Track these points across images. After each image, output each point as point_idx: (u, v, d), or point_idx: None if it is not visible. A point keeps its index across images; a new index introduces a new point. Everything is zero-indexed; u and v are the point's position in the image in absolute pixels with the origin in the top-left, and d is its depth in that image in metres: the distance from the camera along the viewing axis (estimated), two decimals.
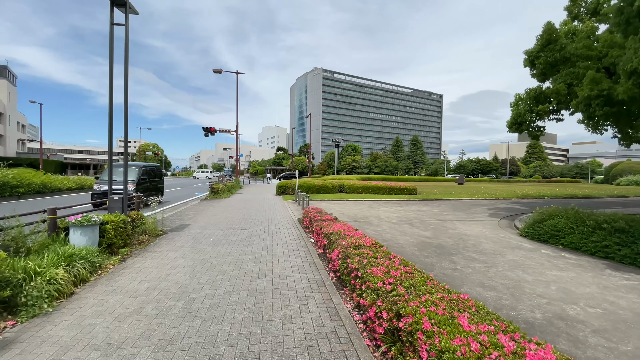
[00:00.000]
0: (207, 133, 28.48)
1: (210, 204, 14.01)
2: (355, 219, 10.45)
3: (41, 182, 15.16)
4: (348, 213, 11.87)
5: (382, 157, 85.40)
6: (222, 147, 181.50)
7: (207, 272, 4.76)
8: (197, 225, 8.82)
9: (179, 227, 8.55)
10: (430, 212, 12.72)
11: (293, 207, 13.55)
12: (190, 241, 6.85)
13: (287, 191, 19.87)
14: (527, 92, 10.78)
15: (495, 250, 6.71)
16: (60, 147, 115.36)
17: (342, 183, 20.94)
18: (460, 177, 39.07)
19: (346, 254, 4.15)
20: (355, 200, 16.21)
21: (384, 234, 8.17)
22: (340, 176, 35.21)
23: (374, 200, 16.48)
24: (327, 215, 7.75)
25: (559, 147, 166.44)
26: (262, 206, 13.59)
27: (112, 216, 5.83)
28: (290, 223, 9.35)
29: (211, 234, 7.58)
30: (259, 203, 14.80)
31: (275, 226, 8.80)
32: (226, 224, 8.99)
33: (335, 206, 13.99)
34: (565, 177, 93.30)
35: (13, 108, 57.22)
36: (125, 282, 4.38)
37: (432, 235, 8.09)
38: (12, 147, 56.88)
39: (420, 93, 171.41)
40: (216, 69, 28.53)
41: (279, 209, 12.80)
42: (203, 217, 10.31)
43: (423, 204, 15.61)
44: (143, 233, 7.15)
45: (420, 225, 9.64)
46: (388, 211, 12.67)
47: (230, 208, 12.72)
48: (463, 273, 5.08)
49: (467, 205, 15.45)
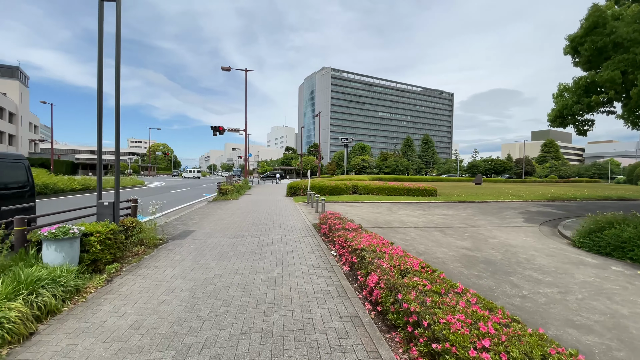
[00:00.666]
0: (215, 132, 27.81)
1: (218, 207, 13.09)
2: (377, 225, 9.35)
3: (42, 183, 14.49)
4: (367, 217, 10.78)
5: (392, 157, 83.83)
6: (231, 147, 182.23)
7: (210, 300, 3.75)
8: (201, 232, 7.86)
9: (181, 234, 7.60)
10: (458, 216, 11.52)
11: (306, 210, 12.52)
12: (192, 253, 5.87)
13: (298, 192, 18.87)
14: (575, 81, 9.48)
15: (557, 267, 5.53)
16: (73, 148, 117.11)
17: (355, 184, 19.81)
18: (477, 177, 37.40)
19: (392, 285, 3.08)
20: (372, 203, 15.09)
21: (416, 244, 7.05)
22: (352, 176, 34.08)
23: (392, 202, 15.33)
24: (349, 222, 6.67)
25: (574, 146, 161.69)
26: (273, 209, 12.60)
27: (99, 225, 4.88)
28: (305, 230, 8.32)
29: (217, 244, 6.59)
30: (269, 205, 13.82)
31: (288, 233, 7.77)
32: (234, 231, 8.01)
33: (351, 209, 12.90)
34: (582, 177, 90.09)
35: (25, 109, 57.79)
36: (105, 314, 3.39)
37: (472, 247, 6.94)
38: (24, 147, 57.43)
39: (430, 92, 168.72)
40: (225, 67, 27.88)
41: (290, 212, 11.79)
42: (209, 222, 9.36)
43: (447, 206, 14.39)
44: (139, 243, 6.21)
45: (453, 232, 8.48)
46: (410, 215, 11.52)
47: (238, 211, 11.76)
48: (536, 303, 3.95)
49: (496, 208, 14.16)
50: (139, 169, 77.27)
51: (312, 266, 5.12)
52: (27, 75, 60.73)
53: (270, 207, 13.11)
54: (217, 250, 6.07)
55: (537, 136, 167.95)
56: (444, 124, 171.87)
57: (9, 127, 51.71)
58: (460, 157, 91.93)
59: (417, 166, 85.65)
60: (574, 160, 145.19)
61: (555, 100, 10.08)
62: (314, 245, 6.53)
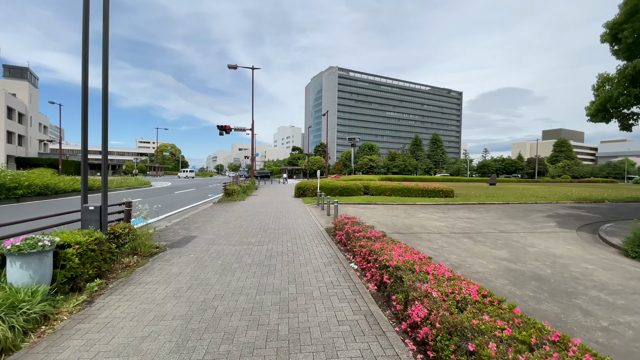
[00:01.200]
0: (222, 132, 27.24)
1: (223, 209, 12.37)
2: (397, 230, 8.49)
3: (43, 184, 13.96)
4: (384, 221, 9.91)
5: (400, 157, 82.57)
6: (238, 148, 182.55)
7: (207, 334, 2.96)
8: (204, 238, 7.10)
9: (182, 240, 6.86)
10: (483, 220, 10.58)
11: (316, 212, 11.71)
12: (191, 265, 5.10)
13: (306, 193, 18.07)
14: (619, 71, 8.47)
15: (622, 285, 4.61)
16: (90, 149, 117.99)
17: (367, 184, 18.91)
18: (492, 178, 36.05)
19: (453, 325, 2.24)
20: (386, 204, 14.20)
21: (447, 254, 6.17)
22: (362, 176, 33.16)
23: (407, 204, 14.41)
24: (371, 230, 5.82)
25: (586, 145, 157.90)
26: (281, 211, 11.82)
27: (80, 234, 4.14)
28: (318, 235, 7.50)
29: (220, 253, 5.82)
30: (276, 207, 13.05)
31: (299, 240, 6.97)
32: (239, 237, 7.24)
33: (365, 212, 12.04)
34: (597, 177, 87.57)
35: (35, 109, 58.24)
36: (71, 356, 2.62)
37: (511, 257, 6.04)
38: (33, 147, 57.89)
39: (438, 90, 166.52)
40: (231, 65, 27.33)
41: (300, 215, 10.99)
42: (213, 225, 8.62)
43: (467, 209, 13.42)
44: (132, 253, 5.47)
45: (483, 239, 7.57)
46: (431, 218, 10.62)
47: (244, 214, 11.01)
48: (625, 339, 3.06)
49: (521, 210, 13.15)
50: (147, 169, 77.42)
51: (331, 284, 4.29)
52: (36, 76, 61.21)
53: (278, 209, 12.34)
54: (220, 262, 5.29)
55: (548, 135, 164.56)
56: (453, 123, 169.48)
57: (19, 128, 52.06)
58: (470, 156, 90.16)
59: (426, 166, 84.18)
60: (587, 160, 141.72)
61: (596, 92, 9.05)
62: (330, 256, 5.70)
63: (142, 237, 6.03)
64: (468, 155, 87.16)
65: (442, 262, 4.18)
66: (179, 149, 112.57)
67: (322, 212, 11.63)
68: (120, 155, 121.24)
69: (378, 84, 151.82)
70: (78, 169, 61.90)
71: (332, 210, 11.54)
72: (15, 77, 55.35)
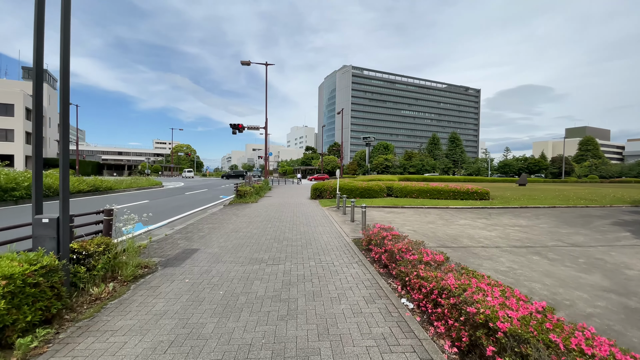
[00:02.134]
0: (234, 130, 26.28)
1: (234, 212, 11.09)
2: (441, 242, 6.94)
3: (45, 185, 13.07)
4: (421, 229, 8.36)
5: (417, 156, 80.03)
6: (252, 148, 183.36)
7: None
8: (207, 252, 5.77)
9: (179, 255, 5.55)
10: (538, 228, 8.86)
11: (338, 217, 10.26)
12: (183, 297, 3.76)
13: (323, 194, 16.66)
14: None
15: None
16: (102, 149, 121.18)
17: (390, 185, 17.28)
18: (522, 178, 33.47)
19: None
20: (415, 208, 12.59)
21: (524, 280, 4.60)
22: (381, 176, 31.45)
23: (439, 208, 12.75)
24: (426, 249, 4.31)
25: (612, 143, 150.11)
26: (297, 216, 10.44)
27: (18, 262, 2.85)
28: (346, 249, 6.05)
29: (223, 276, 4.46)
30: (292, 211, 11.68)
31: (324, 256, 5.54)
32: (250, 251, 5.87)
33: (394, 217, 10.51)
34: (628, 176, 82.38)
35: (53, 111, 59.30)
36: None
37: (615, 286, 4.41)
38: (52, 148, 58.87)
39: (455, 88, 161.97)
40: (244, 61, 26.28)
41: (319, 220, 9.56)
42: (220, 234, 7.30)
43: (511, 213, 11.65)
44: (110, 277, 4.18)
45: (557, 256, 5.93)
46: (475, 226, 8.99)
47: (257, 219, 9.67)
48: None
49: (576, 216, 11.29)
50: (162, 169, 77.90)
51: (383, 340, 2.84)
52: (55, 78, 62.28)
53: (294, 213, 10.97)
54: (222, 291, 3.92)
55: (572, 133, 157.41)
56: (470, 121, 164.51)
57: None
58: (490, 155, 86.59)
59: (445, 165, 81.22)
60: (614, 159, 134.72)
61: None
62: (370, 284, 4.24)
63: (129, 252, 4.76)
64: (488, 155, 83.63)
65: (502, 282, 2.65)
66: (194, 150, 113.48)
67: (344, 218, 10.17)
68: (137, 156, 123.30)
69: (393, 82, 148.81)
70: (95, 169, 62.66)
71: (357, 215, 10.08)
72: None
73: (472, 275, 3.23)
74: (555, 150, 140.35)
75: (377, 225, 6.09)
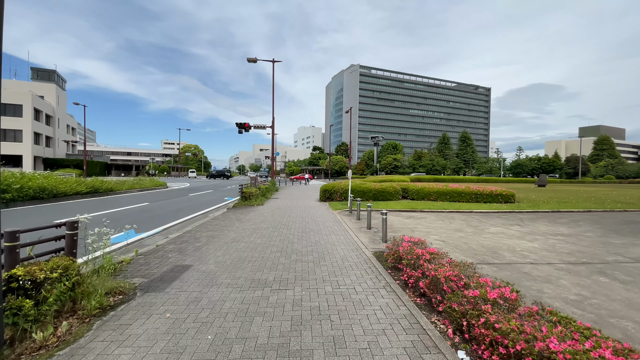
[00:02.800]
0: (241, 129, 25.49)
1: (237, 217, 10.14)
2: (480, 257, 5.83)
3: (38, 186, 12.32)
4: (450, 240, 7.26)
5: (427, 156, 78.35)
6: (259, 148, 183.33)
7: None
8: (199, 271, 4.79)
9: (166, 275, 4.58)
10: (585, 238, 7.67)
11: (351, 223, 9.21)
12: (158, 344, 2.76)
13: (333, 196, 15.61)
14: None
15: None
16: (112, 150, 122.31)
17: (405, 187, 16.13)
18: (541, 178, 31.74)
19: None
20: (437, 212, 11.45)
21: (612, 318, 3.47)
22: (392, 177, 30.22)
23: (463, 212, 11.60)
24: (490, 281, 3.22)
25: (628, 143, 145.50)
26: (307, 221, 9.43)
27: None
28: (367, 267, 5.00)
29: (215, 311, 3.45)
30: (301, 216, 10.68)
31: (342, 278, 4.50)
32: (251, 269, 4.87)
33: (415, 223, 9.41)
34: None
35: (62, 111, 59.45)
36: None
37: None
38: (61, 148, 59.04)
39: (465, 87, 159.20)
40: (251, 58, 25.47)
41: (332, 227, 8.53)
42: (218, 246, 6.33)
43: (546, 219, 10.42)
44: (71, 310, 3.23)
45: (631, 279, 4.77)
46: (510, 235, 7.84)
47: (262, 225, 8.69)
48: None
49: (620, 222, 10.02)
50: (170, 170, 77.81)
51: None
52: (64, 79, 62.56)
53: (303, 219, 9.96)
54: (212, 336, 2.91)
55: (585, 132, 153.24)
56: (480, 120, 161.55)
57: (46, 129, 53.05)
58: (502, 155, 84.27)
59: (455, 165, 79.32)
60: (630, 159, 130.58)
61: None
62: (407, 322, 3.18)
63: (102, 274, 3.82)
64: (500, 155, 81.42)
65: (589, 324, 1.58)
66: (202, 150, 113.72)
67: (359, 224, 9.11)
68: (146, 157, 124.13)
69: (401, 81, 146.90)
70: (103, 169, 62.70)
71: (373, 220, 9.01)
72: (43, 80, 56.57)
73: (576, 329, 2.15)
74: (569, 149, 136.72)
75: (406, 238, 5.02)
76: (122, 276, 4.46)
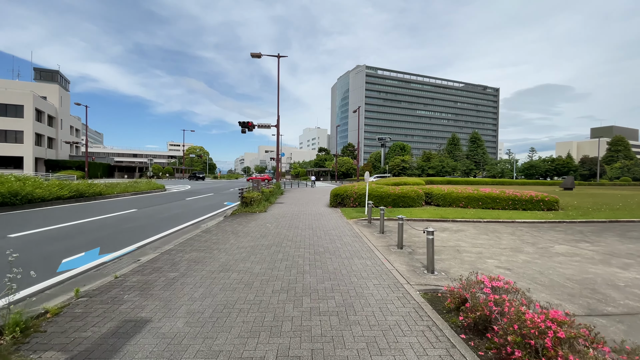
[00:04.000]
0: (244, 129, 23.93)
1: (233, 229, 8.37)
2: (579, 302, 3.94)
3: (9, 190, 10.72)
4: (516, 267, 5.36)
5: (436, 157, 76.02)
6: (265, 150, 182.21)
7: None
8: (157, 335, 2.99)
9: (100, 345, 2.79)
10: None
11: (374, 238, 7.36)
12: None
13: (346, 202, 13.75)
14: None
15: None
16: (118, 151, 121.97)
17: (429, 190, 14.18)
18: (567, 180, 29.15)
19: None
20: (473, 223, 9.54)
21: None
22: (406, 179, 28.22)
23: (503, 222, 9.68)
24: None
25: None
26: (319, 235, 7.61)
27: None
28: (422, 325, 3.16)
29: None
30: (310, 226, 8.87)
31: (393, 355, 2.67)
32: (239, 334, 3.05)
33: (455, 240, 7.51)
34: None
35: (65, 112, 58.55)
36: None
37: None
38: (64, 150, 58.14)
39: (473, 87, 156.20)
40: (254, 53, 23.94)
41: (352, 245, 6.70)
42: (197, 281, 4.54)
43: (611, 232, 8.45)
44: None
45: None
46: (587, 257, 5.91)
47: (262, 242, 6.89)
48: None
49: None
50: (174, 171, 76.66)
51: None
52: (67, 80, 61.78)
53: (314, 231, 8.15)
54: None
55: (597, 133, 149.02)
56: (489, 121, 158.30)
57: (49, 130, 52.15)
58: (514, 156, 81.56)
59: (466, 167, 76.86)
60: None
61: None
62: None
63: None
64: (513, 156, 78.72)
65: None
66: (207, 152, 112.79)
67: (384, 240, 7.26)
68: (152, 158, 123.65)
69: (408, 82, 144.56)
70: (106, 172, 61.71)
71: (391, 233, 7.15)
72: (46, 81, 55.77)
73: None
74: (580, 150, 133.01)
75: (485, 280, 3.18)
76: (28, 349, 2.70)
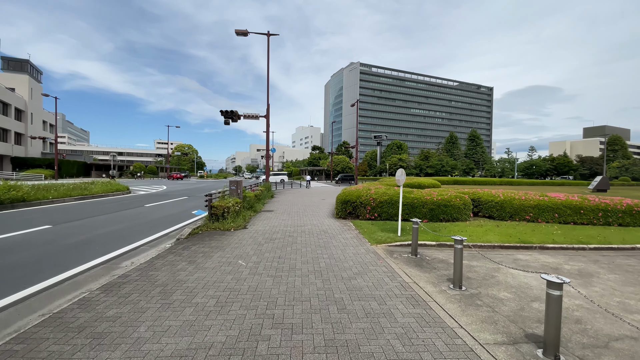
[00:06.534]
0: (227, 120, 20.07)
1: (182, 269, 4.62)
2: None
3: None
4: None
5: (435, 156, 73.08)
6: (256, 149, 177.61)
7: None
8: None
9: None
10: None
11: (442, 298, 3.74)
12: None
13: (359, 212, 10.01)
14: None
15: None
16: (103, 149, 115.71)
17: (477, 197, 10.41)
18: (602, 181, 25.70)
19: None
20: (568, 251, 6.02)
21: None
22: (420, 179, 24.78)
23: (615, 248, 6.20)
24: None
25: (634, 143, 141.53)
26: (333, 290, 3.96)
27: None
28: None
29: None
30: (317, 267, 5.21)
31: None
32: None
33: (578, 301, 3.94)
34: None
35: (37, 106, 53.41)
36: None
37: None
38: (35, 146, 53.06)
39: (467, 86, 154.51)
40: (240, 30, 20.13)
41: (420, 334, 3.05)
42: None
43: None
44: None
45: None
46: None
47: (225, 308, 3.16)
48: None
49: None
50: (157, 170, 71.88)
51: None
52: (39, 70, 56.68)
53: (324, 282, 4.49)
54: None
55: (589, 133, 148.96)
56: (483, 120, 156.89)
57: (16, 125, 47.21)
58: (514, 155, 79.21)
59: (465, 166, 74.13)
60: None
61: None
62: None
63: None
64: (512, 155, 76.38)
65: None
66: (196, 150, 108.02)
67: (463, 300, 3.63)
68: (140, 157, 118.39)
69: (402, 80, 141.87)
70: (81, 170, 56.80)
71: (488, 290, 3.52)
72: (15, 70, 50.69)
73: None
74: (574, 150, 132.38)
75: None
76: None
